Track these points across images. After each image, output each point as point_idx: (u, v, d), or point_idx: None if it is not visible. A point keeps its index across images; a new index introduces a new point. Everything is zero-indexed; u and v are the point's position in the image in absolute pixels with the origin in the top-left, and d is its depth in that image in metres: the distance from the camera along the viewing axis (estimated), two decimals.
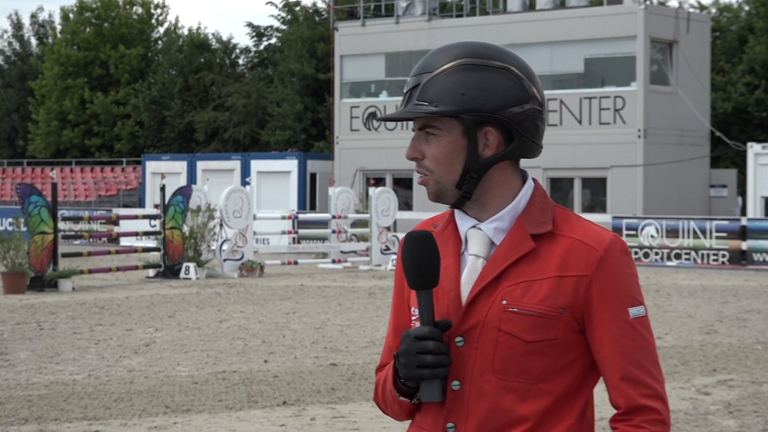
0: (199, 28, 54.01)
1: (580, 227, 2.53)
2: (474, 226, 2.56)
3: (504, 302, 2.48)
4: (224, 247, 23.62)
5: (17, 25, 58.64)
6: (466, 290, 2.53)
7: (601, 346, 2.49)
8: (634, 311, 2.50)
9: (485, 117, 2.51)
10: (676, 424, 8.71)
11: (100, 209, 38.30)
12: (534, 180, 2.63)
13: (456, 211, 2.60)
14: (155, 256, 23.47)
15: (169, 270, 22.75)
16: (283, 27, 49.05)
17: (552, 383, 2.50)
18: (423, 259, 2.49)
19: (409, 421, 2.66)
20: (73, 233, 29.16)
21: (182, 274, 22.65)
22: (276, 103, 45.25)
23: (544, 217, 2.54)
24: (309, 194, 37.47)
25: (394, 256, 25.05)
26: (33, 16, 63.84)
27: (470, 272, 2.53)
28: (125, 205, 43.96)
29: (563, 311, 2.48)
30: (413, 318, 2.61)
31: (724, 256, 25.64)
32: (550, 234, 2.52)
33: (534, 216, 2.53)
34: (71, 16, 54.09)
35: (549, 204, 2.57)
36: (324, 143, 42.52)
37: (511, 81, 2.52)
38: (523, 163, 2.62)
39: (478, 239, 2.55)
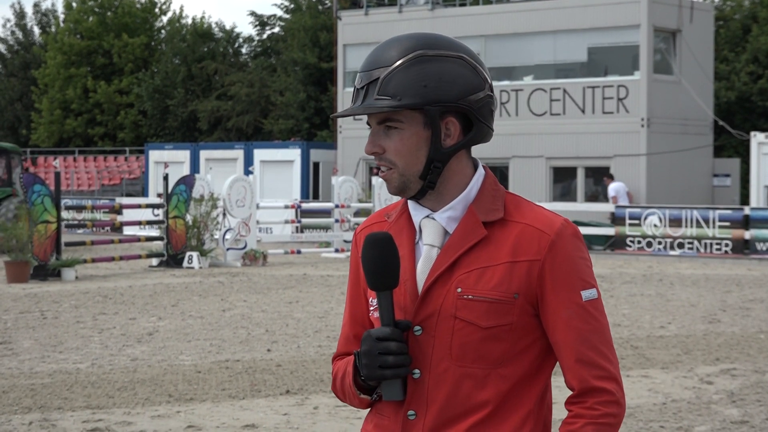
0: (202, 17, 53.92)
1: (531, 213, 2.56)
2: (428, 216, 2.58)
3: (459, 290, 2.51)
4: (227, 236, 23.62)
5: (20, 14, 58.57)
6: (421, 280, 2.55)
7: (555, 328, 2.52)
8: (586, 294, 2.52)
9: (448, 107, 2.52)
10: (680, 413, 8.71)
11: (104, 198, 38.31)
12: (485, 168, 2.65)
13: (409, 201, 2.61)
14: (158, 246, 23.48)
15: (172, 259, 22.75)
16: (286, 16, 48.98)
17: (510, 368, 2.52)
18: (383, 262, 2.50)
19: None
20: (76, 222, 29.18)
21: (185, 263, 22.66)
22: (279, 92, 45.20)
23: (495, 204, 2.56)
24: (312, 183, 37.45)
25: None
26: (36, 5, 63.78)
27: (425, 262, 2.56)
28: (128, 195, 43.97)
29: (517, 296, 2.50)
30: (371, 308, 2.64)
31: (727, 245, 25.61)
32: (501, 221, 2.55)
33: (485, 203, 2.56)
34: (74, 5, 54.01)
35: (500, 191, 2.59)
36: (327, 132, 42.49)
37: (466, 69, 2.55)
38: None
39: (432, 229, 2.57)
